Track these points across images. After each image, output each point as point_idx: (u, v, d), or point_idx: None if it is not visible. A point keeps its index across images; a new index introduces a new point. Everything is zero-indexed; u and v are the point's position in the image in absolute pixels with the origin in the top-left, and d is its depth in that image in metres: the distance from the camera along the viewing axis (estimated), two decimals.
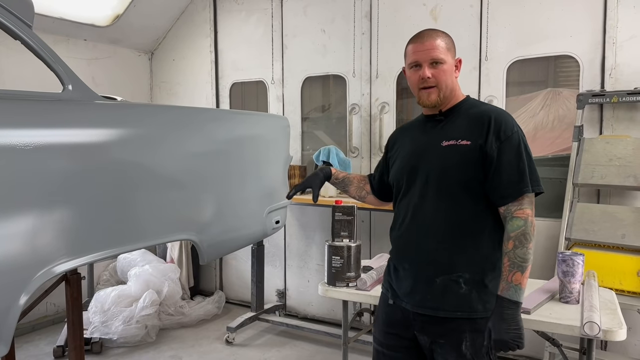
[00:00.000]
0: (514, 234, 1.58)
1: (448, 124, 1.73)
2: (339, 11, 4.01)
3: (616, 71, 3.04)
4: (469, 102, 1.77)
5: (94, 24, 4.31)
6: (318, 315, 4.25)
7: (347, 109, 4.03)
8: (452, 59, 1.72)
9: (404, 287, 1.76)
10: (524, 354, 3.42)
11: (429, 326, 1.71)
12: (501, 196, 1.62)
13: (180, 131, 2.09)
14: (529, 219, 1.60)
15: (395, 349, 1.81)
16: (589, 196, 3.17)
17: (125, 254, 4.37)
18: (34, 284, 1.55)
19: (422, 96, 1.72)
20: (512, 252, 1.58)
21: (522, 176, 1.60)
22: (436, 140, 1.71)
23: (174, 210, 2.05)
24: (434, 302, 1.68)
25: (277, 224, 2.80)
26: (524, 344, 1.58)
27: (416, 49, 1.70)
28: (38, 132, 1.54)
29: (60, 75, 1.73)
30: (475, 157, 1.63)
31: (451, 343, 1.67)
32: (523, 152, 1.63)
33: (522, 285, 1.57)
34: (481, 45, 3.45)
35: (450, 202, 1.66)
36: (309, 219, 4.24)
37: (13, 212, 1.49)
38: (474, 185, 1.65)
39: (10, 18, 1.63)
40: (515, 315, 1.57)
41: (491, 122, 1.64)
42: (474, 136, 1.64)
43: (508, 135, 1.62)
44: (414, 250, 1.73)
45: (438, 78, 1.68)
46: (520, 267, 1.57)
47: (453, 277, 1.66)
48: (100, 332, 3.66)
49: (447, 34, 1.74)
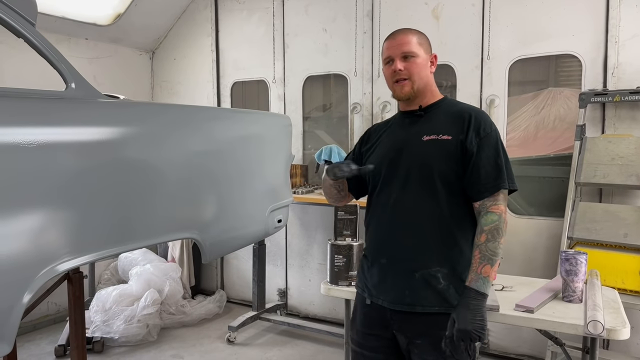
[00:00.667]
0: (487, 228, 1.63)
1: (428, 119, 1.76)
2: (340, 10, 4.01)
3: (618, 70, 3.04)
4: (448, 100, 1.83)
5: (95, 23, 4.31)
6: (319, 314, 4.25)
7: (349, 108, 4.03)
8: (426, 54, 1.77)
9: (381, 283, 1.76)
10: (526, 354, 3.42)
11: (407, 325, 1.71)
12: (479, 191, 1.66)
13: (183, 130, 2.09)
14: (503, 215, 1.65)
15: (375, 349, 1.80)
16: (591, 195, 3.17)
17: (126, 253, 4.37)
18: (37, 282, 1.54)
19: (396, 89, 1.76)
20: (484, 245, 1.62)
21: (500, 172, 1.65)
22: (416, 135, 1.74)
23: (176, 208, 2.05)
24: (412, 297, 1.68)
25: (279, 222, 2.80)
26: (486, 337, 1.59)
27: (389, 45, 1.77)
28: (41, 130, 1.54)
29: (64, 74, 1.72)
30: (455, 151, 1.67)
31: (429, 341, 1.67)
32: (500, 149, 1.68)
33: (490, 278, 1.61)
34: (483, 44, 3.45)
35: (430, 197, 1.69)
36: (310, 218, 4.24)
37: (17, 210, 1.48)
38: (453, 180, 1.68)
39: (13, 16, 1.63)
40: (481, 307, 1.59)
41: (471, 119, 1.69)
42: (455, 132, 1.68)
43: (487, 132, 1.68)
44: (393, 245, 1.73)
45: (410, 70, 1.72)
46: (490, 260, 1.60)
47: (432, 272, 1.67)
48: (101, 331, 3.65)
49: (421, 32, 1.80)
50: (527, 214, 3.43)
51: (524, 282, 2.46)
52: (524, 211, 3.46)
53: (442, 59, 3.57)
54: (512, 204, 3.47)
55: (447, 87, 3.71)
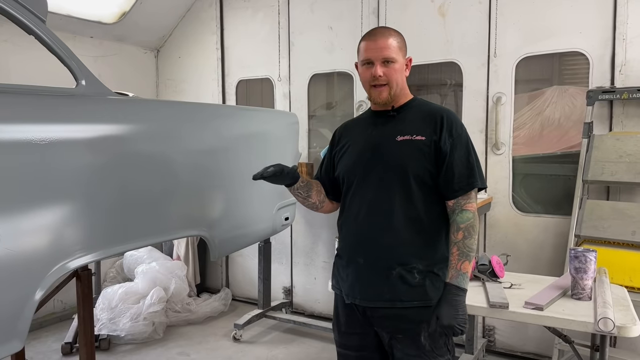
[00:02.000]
0: (463, 226, 1.68)
1: (401, 120, 1.78)
2: (346, 8, 4.00)
3: (626, 67, 3.03)
4: (418, 100, 1.85)
5: (100, 21, 4.31)
6: (325, 312, 4.25)
7: (355, 106, 4.02)
8: (403, 58, 1.78)
9: (358, 282, 1.77)
10: (532, 352, 3.41)
11: (387, 321, 1.73)
12: (453, 190, 1.70)
13: (193, 127, 2.09)
14: (476, 212, 1.71)
15: (359, 348, 1.82)
16: (598, 193, 3.16)
17: (131, 251, 4.38)
18: (49, 279, 1.55)
19: (374, 93, 1.77)
20: (462, 242, 1.67)
21: (472, 171, 1.71)
22: (390, 135, 1.76)
23: (185, 205, 2.05)
24: (390, 294, 1.71)
25: (287, 220, 2.80)
26: (467, 330, 1.68)
27: (369, 47, 1.75)
28: (53, 128, 1.54)
29: (74, 71, 1.72)
30: (429, 152, 1.70)
31: (410, 336, 1.70)
32: (471, 149, 1.74)
33: (468, 274, 1.68)
34: (489, 41, 3.44)
35: (405, 196, 1.71)
36: (315, 216, 4.23)
37: (29, 207, 1.49)
38: (427, 180, 1.71)
39: (25, 13, 1.63)
40: (462, 302, 1.65)
41: (444, 120, 1.72)
42: (428, 132, 1.72)
43: (459, 132, 1.73)
44: (370, 244, 1.75)
45: (389, 77, 1.73)
46: (467, 256, 1.66)
47: (407, 268, 1.70)
48: (107, 329, 3.66)
49: (399, 33, 1.81)
50: (534, 212, 3.42)
51: (532, 279, 2.46)
52: (531, 209, 3.45)
53: (448, 56, 3.61)
54: (518, 202, 3.46)
55: (452, 85, 3.70)
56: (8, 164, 1.42)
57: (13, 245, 1.43)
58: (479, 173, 1.73)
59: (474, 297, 2.17)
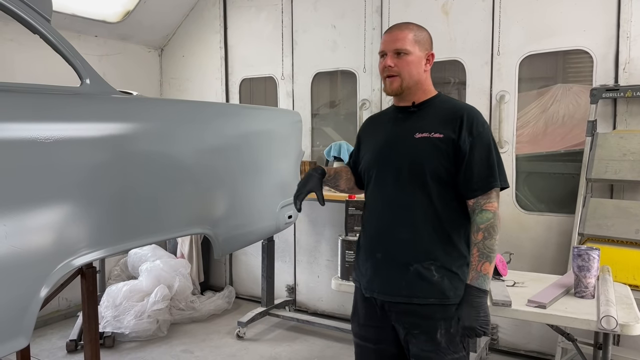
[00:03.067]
0: (483, 226, 1.65)
1: (420, 116, 1.78)
2: (349, 6, 4.00)
3: (630, 65, 3.02)
4: (441, 97, 1.83)
5: (104, 20, 4.33)
6: (328, 310, 4.26)
7: (358, 105, 4.02)
8: (421, 52, 1.76)
9: (377, 277, 1.78)
10: (535, 350, 3.41)
11: (404, 316, 1.74)
12: (472, 189, 1.68)
13: (196, 125, 2.10)
14: (497, 212, 1.68)
15: (377, 341, 1.84)
16: (602, 191, 3.16)
17: (136, 249, 4.39)
18: (54, 277, 1.56)
19: (386, 84, 1.78)
20: (482, 243, 1.65)
21: (492, 170, 1.68)
22: (409, 132, 1.75)
23: (190, 203, 2.06)
24: (408, 290, 1.71)
25: (290, 218, 2.81)
26: (490, 331, 1.65)
27: (384, 39, 1.78)
28: (59, 126, 1.55)
29: (79, 70, 1.74)
30: (447, 149, 1.69)
31: (426, 332, 1.70)
32: (492, 148, 1.70)
33: (489, 275, 1.66)
34: (493, 39, 3.44)
35: (422, 193, 1.71)
36: (318, 214, 4.25)
37: (35, 204, 1.50)
38: (444, 177, 1.70)
39: (30, 12, 1.64)
40: (484, 303, 1.64)
41: (464, 118, 1.70)
42: (447, 130, 1.70)
43: (480, 131, 1.69)
44: (388, 240, 1.76)
45: (400, 68, 1.73)
46: (488, 257, 1.64)
47: (425, 265, 1.70)
48: (112, 327, 3.68)
49: (421, 28, 1.80)
50: (537, 210, 3.42)
51: (535, 278, 2.47)
52: (534, 207, 3.45)
53: (451, 54, 3.61)
54: (522, 200, 3.46)
55: (456, 83, 3.70)
56: (13, 162, 1.43)
57: (18, 242, 1.45)
58: (500, 173, 1.70)
59: None
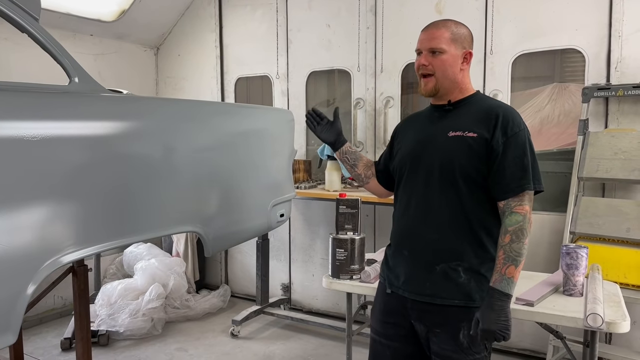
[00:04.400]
0: (511, 229, 1.61)
1: (456, 115, 1.75)
2: (343, 5, 4.01)
3: (622, 64, 3.03)
4: (479, 96, 1.80)
5: (100, 19, 4.33)
6: (322, 309, 4.27)
7: (352, 104, 4.03)
8: (457, 51, 1.73)
9: (402, 274, 1.78)
10: (528, 348, 3.42)
11: (426, 315, 1.72)
12: (503, 191, 1.64)
13: (186, 124, 2.11)
14: (527, 216, 1.63)
15: (393, 338, 1.83)
16: (593, 190, 3.17)
17: (131, 248, 4.41)
18: (41, 274, 1.57)
19: (421, 84, 1.77)
20: (509, 245, 1.61)
21: (525, 173, 1.63)
22: (442, 130, 1.73)
23: (179, 201, 2.07)
24: (432, 289, 1.70)
25: (282, 217, 2.82)
26: (510, 336, 1.59)
27: (421, 37, 1.76)
28: (45, 124, 1.56)
29: (67, 68, 1.74)
30: (480, 149, 1.65)
31: (448, 332, 1.69)
32: (528, 149, 1.65)
33: (514, 279, 1.61)
34: (486, 38, 3.44)
35: (452, 192, 1.69)
36: (313, 213, 4.26)
37: (20, 202, 1.51)
38: (476, 177, 1.67)
39: (17, 11, 1.65)
40: (505, 307, 1.59)
41: (499, 118, 1.66)
42: (481, 129, 1.66)
43: (515, 132, 1.65)
44: (416, 238, 1.75)
45: (435, 67, 1.72)
46: (514, 260, 1.60)
47: (452, 266, 1.68)
48: (107, 325, 3.69)
49: (460, 25, 1.76)
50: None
51: (525, 276, 2.47)
52: None
53: None
54: None
55: None
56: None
57: (5, 240, 1.45)
58: (534, 175, 1.64)
59: None
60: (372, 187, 2.09)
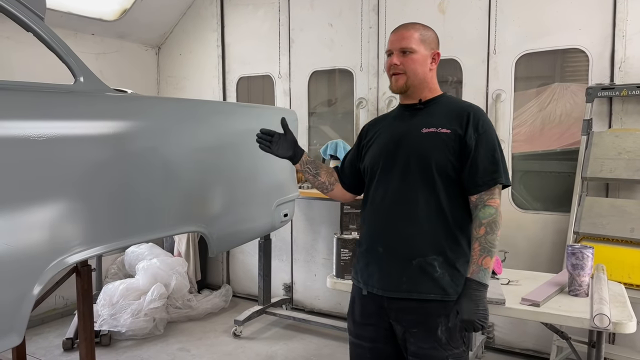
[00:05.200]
0: (485, 221, 1.68)
1: (427, 113, 1.81)
2: (346, 4, 4.00)
3: (626, 64, 3.02)
4: (448, 97, 1.89)
5: (101, 18, 4.32)
6: (325, 309, 4.27)
7: (354, 103, 4.03)
8: (426, 51, 1.80)
9: (376, 271, 1.79)
10: (531, 348, 3.42)
11: (403, 313, 1.74)
12: (476, 184, 1.71)
13: (191, 124, 2.10)
14: (499, 209, 1.71)
15: (373, 339, 1.84)
16: (597, 190, 3.16)
17: (132, 248, 4.40)
18: (47, 274, 1.56)
19: (392, 81, 1.83)
20: (484, 237, 1.66)
21: (497, 167, 1.71)
22: (416, 127, 1.78)
23: (184, 202, 2.06)
24: (409, 284, 1.72)
25: (285, 217, 2.81)
26: (487, 326, 1.62)
27: (391, 38, 1.83)
28: (52, 124, 1.55)
29: (72, 67, 1.74)
30: (454, 145, 1.71)
31: (426, 330, 1.71)
32: (497, 146, 1.74)
33: (489, 269, 1.67)
34: (489, 38, 3.44)
35: (428, 187, 1.73)
36: (315, 213, 4.25)
37: (27, 202, 1.50)
38: (450, 173, 1.72)
39: (22, 9, 1.64)
40: (483, 297, 1.64)
41: (470, 116, 1.74)
42: (454, 126, 1.73)
43: (485, 129, 1.73)
44: (391, 234, 1.76)
45: (406, 66, 1.77)
46: (489, 252, 1.66)
47: (428, 260, 1.71)
48: (108, 325, 3.68)
49: (427, 28, 1.84)
50: (533, 209, 3.42)
51: (530, 276, 2.47)
52: (530, 206, 3.45)
53: (447, 53, 3.60)
54: (517, 198, 3.46)
55: (453, 82, 3.70)
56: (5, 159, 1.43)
57: (11, 240, 1.45)
58: (504, 170, 1.73)
59: None
60: (336, 194, 2.07)
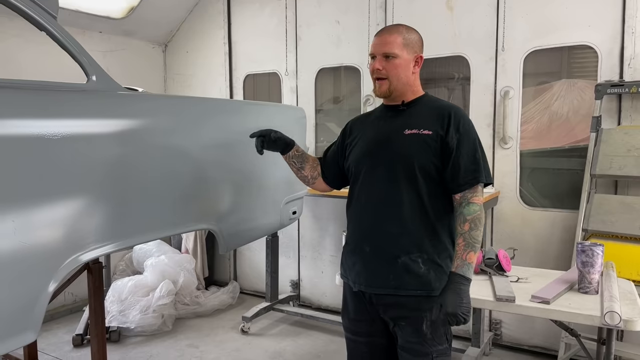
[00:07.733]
0: (470, 217, 1.72)
1: (409, 114, 1.84)
2: (353, 2, 4.00)
3: (635, 61, 3.01)
4: (428, 97, 1.90)
5: (109, 16, 4.34)
6: (332, 305, 4.28)
7: (362, 100, 4.03)
8: (409, 55, 1.81)
9: (363, 270, 1.83)
10: (539, 345, 3.42)
11: (390, 308, 1.80)
12: (459, 184, 1.75)
13: (201, 122, 2.11)
14: (482, 206, 1.76)
15: (368, 334, 1.89)
16: (606, 187, 3.15)
17: (141, 245, 4.42)
18: (62, 272, 1.58)
19: (375, 86, 1.85)
20: (468, 233, 1.71)
21: (478, 166, 1.75)
22: (398, 129, 1.81)
23: (195, 199, 2.07)
24: (396, 282, 1.76)
25: (294, 214, 2.82)
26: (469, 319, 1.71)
27: (374, 42, 1.83)
28: (66, 122, 1.57)
29: (85, 66, 1.75)
30: (436, 146, 1.75)
31: (412, 324, 1.76)
32: (478, 146, 1.78)
33: (473, 264, 1.72)
34: (497, 35, 3.43)
35: (412, 187, 1.76)
36: (322, 210, 4.26)
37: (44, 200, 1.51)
38: (432, 173, 1.76)
39: (36, 9, 1.65)
40: (467, 291, 1.69)
41: (451, 116, 1.77)
42: (435, 127, 1.76)
43: (466, 129, 1.77)
44: (378, 234, 1.80)
45: (389, 71, 1.79)
46: (473, 247, 1.70)
47: (413, 257, 1.75)
48: (118, 321, 3.71)
49: (411, 30, 1.85)
50: (541, 206, 3.42)
51: (539, 273, 2.47)
52: (538, 203, 3.45)
53: (456, 50, 3.60)
54: (526, 196, 3.46)
55: (460, 79, 3.70)
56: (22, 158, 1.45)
57: (27, 237, 1.46)
58: (485, 168, 1.77)
59: (481, 290, 2.18)
60: (318, 187, 2.13)
